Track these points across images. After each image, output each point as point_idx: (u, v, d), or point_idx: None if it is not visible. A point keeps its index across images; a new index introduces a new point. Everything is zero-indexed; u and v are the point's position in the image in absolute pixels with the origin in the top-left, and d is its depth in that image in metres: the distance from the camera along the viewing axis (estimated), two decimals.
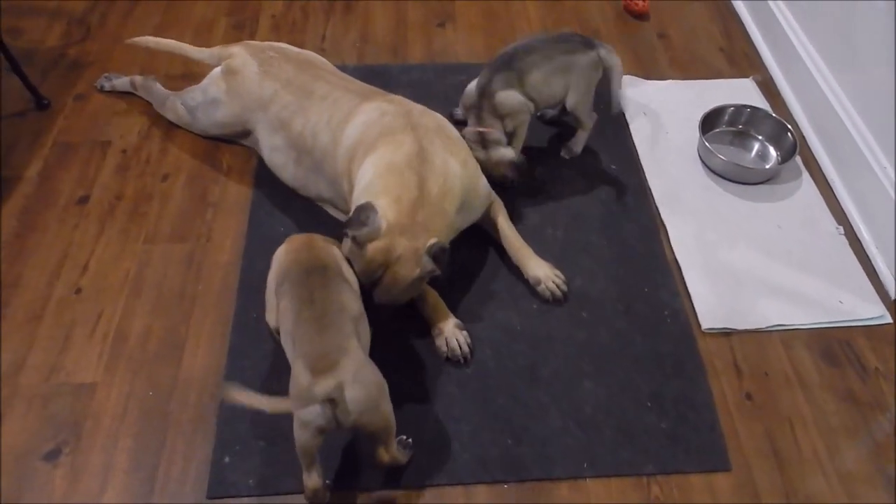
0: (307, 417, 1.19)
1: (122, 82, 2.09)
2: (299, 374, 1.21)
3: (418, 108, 1.63)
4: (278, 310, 1.38)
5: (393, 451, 1.31)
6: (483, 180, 1.67)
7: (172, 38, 2.27)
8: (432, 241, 1.44)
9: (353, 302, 1.35)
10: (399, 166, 1.48)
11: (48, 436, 1.41)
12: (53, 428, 1.42)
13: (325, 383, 1.17)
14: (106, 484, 1.35)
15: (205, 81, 1.90)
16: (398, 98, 1.67)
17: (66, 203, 1.82)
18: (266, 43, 1.89)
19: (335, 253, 1.44)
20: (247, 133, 1.86)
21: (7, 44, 1.98)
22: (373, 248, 1.41)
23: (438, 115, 1.66)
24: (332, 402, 1.17)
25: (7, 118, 2.01)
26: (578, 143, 1.95)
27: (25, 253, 1.71)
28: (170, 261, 1.71)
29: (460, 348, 1.53)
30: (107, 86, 2.10)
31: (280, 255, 1.44)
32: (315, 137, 1.67)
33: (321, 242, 1.45)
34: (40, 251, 1.72)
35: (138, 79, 2.07)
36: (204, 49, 1.94)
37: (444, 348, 1.53)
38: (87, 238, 1.75)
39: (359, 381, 1.20)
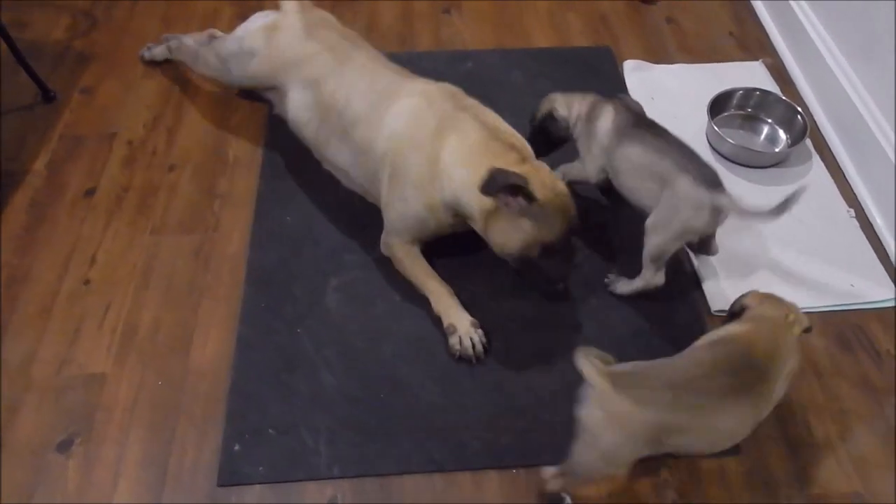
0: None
1: (160, 51, 2.14)
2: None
3: (456, 89, 1.64)
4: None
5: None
6: None
7: (178, 30, 2.27)
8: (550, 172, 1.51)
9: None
10: (483, 144, 1.48)
11: (60, 427, 1.42)
12: (66, 420, 1.43)
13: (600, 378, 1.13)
14: (118, 474, 1.36)
15: (240, 32, 1.89)
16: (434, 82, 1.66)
17: (73, 196, 1.83)
18: (318, 10, 1.89)
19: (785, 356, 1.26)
20: (272, 87, 1.84)
21: (13, 37, 1.98)
22: (539, 185, 1.43)
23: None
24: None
25: (14, 111, 2.02)
26: (623, 285, 1.61)
27: (34, 246, 1.72)
28: (177, 252, 1.71)
29: (474, 348, 1.51)
30: (147, 55, 2.15)
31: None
32: (348, 101, 1.65)
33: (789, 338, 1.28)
34: (49, 244, 1.72)
35: (172, 43, 2.09)
36: None
37: (458, 347, 1.51)
38: (94, 230, 1.75)
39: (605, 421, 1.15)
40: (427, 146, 1.51)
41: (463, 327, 1.52)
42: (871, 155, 1.81)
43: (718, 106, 1.99)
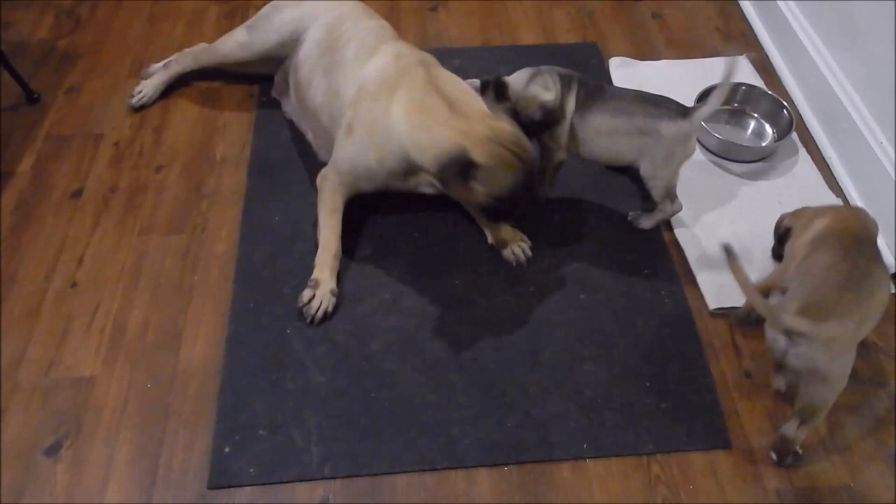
0: (767, 336, 1.28)
1: (156, 83, 2.02)
2: (784, 302, 1.28)
3: (429, 56, 1.70)
4: (800, 263, 1.38)
5: (801, 433, 1.32)
6: None
7: (164, 29, 2.26)
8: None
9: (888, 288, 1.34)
10: (422, 98, 1.54)
11: (49, 430, 1.41)
12: (54, 422, 1.42)
13: (798, 320, 1.21)
14: (108, 477, 1.35)
15: (272, 2, 1.93)
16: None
17: (60, 197, 1.81)
18: None
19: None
20: (291, 42, 1.86)
21: None
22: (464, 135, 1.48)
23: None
24: (790, 338, 1.22)
25: None
26: (648, 219, 1.74)
27: (21, 247, 1.70)
28: (166, 252, 1.70)
29: (316, 310, 1.55)
30: (139, 100, 2.01)
31: (825, 221, 1.42)
32: (346, 45, 1.71)
33: (870, 217, 1.46)
34: (36, 245, 1.71)
35: (174, 62, 2.05)
36: None
37: (306, 301, 1.55)
38: (82, 231, 1.74)
39: (828, 349, 1.22)
40: (383, 99, 1.57)
41: (323, 289, 1.57)
42: (856, 148, 1.82)
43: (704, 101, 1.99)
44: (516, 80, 1.65)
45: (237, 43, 1.96)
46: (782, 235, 1.53)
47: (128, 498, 1.33)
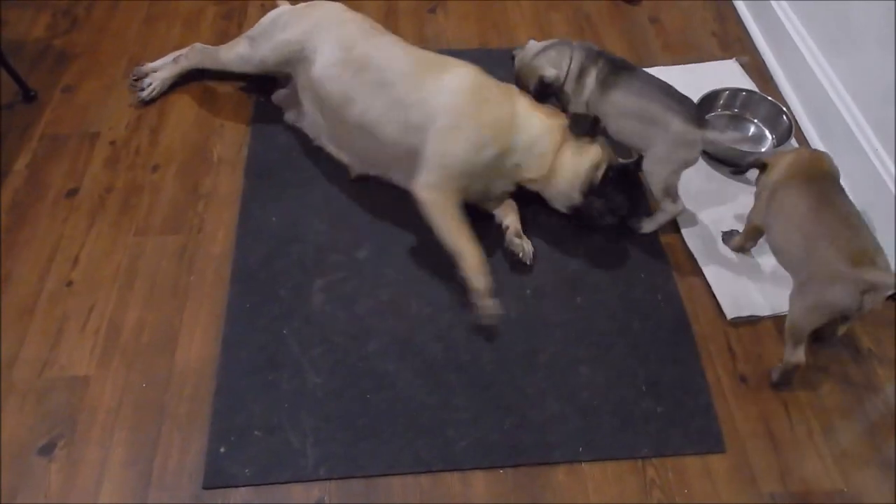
0: (832, 299, 1.35)
1: (164, 76, 2.04)
2: (835, 261, 1.33)
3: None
4: (772, 208, 1.51)
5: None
6: None
7: (161, 30, 2.25)
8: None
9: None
10: (533, 101, 1.72)
11: (43, 431, 1.40)
12: (48, 423, 1.41)
13: (873, 272, 1.31)
14: (102, 477, 1.35)
15: (273, 14, 1.91)
16: None
17: (55, 196, 1.81)
18: None
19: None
20: (297, 59, 1.83)
21: None
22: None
23: None
24: (867, 291, 1.32)
25: None
26: (649, 223, 1.74)
27: (16, 247, 1.70)
28: (162, 253, 1.70)
29: (490, 318, 1.57)
30: (145, 95, 2.02)
31: (782, 165, 1.54)
32: (391, 60, 1.72)
33: (828, 159, 1.56)
34: (30, 245, 1.70)
35: (183, 57, 2.05)
36: None
37: (494, 315, 1.57)
38: (77, 231, 1.73)
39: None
40: (508, 104, 1.68)
41: (486, 295, 1.57)
42: (850, 153, 1.83)
43: (705, 106, 2.00)
44: (528, 48, 1.75)
45: (238, 55, 1.95)
46: (757, 167, 1.63)
47: (122, 498, 1.32)
